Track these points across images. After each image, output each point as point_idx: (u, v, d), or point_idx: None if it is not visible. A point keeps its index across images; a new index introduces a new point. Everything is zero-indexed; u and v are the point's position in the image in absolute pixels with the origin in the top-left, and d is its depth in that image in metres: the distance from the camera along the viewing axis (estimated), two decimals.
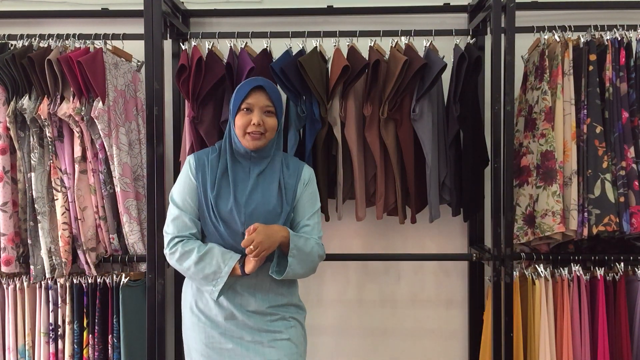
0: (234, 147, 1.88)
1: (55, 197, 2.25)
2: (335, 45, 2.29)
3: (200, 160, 1.90)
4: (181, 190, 1.88)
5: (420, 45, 2.31)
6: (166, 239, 1.87)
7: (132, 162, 2.32)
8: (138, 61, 2.44)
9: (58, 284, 2.31)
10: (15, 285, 2.33)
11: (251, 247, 1.73)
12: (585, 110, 2.22)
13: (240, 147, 1.86)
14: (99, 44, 2.31)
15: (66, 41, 2.31)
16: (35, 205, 2.23)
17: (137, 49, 2.35)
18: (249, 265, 1.79)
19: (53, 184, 2.25)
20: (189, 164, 1.91)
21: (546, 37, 2.30)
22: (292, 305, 1.94)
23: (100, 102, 2.20)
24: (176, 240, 1.85)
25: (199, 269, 1.80)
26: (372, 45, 2.31)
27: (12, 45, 2.34)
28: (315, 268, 1.92)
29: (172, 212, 1.88)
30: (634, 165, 2.20)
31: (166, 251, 1.87)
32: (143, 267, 2.31)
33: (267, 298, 1.88)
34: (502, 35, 2.18)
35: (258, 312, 1.86)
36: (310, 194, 1.95)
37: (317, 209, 1.96)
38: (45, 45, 2.31)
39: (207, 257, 1.80)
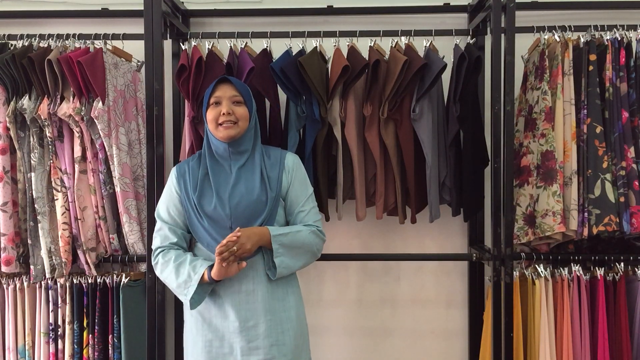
0: (213, 147, 1.91)
1: (55, 197, 2.25)
2: (335, 45, 2.28)
3: (181, 169, 1.96)
4: (163, 203, 1.96)
5: (420, 45, 2.31)
6: (152, 251, 1.95)
7: (132, 162, 2.32)
8: (138, 61, 2.44)
9: (58, 284, 2.31)
10: (15, 285, 2.33)
11: (237, 245, 1.75)
12: (585, 110, 2.22)
13: (218, 144, 1.89)
14: (99, 44, 2.31)
15: (66, 41, 2.31)
16: (35, 205, 2.23)
17: (137, 49, 2.35)
18: (215, 271, 1.78)
19: (53, 184, 2.25)
20: (171, 176, 1.98)
21: (546, 37, 2.30)
22: (290, 303, 1.91)
23: (100, 102, 2.20)
24: (158, 251, 1.92)
25: (174, 278, 1.84)
26: (372, 45, 2.31)
27: (12, 45, 2.34)
28: (318, 253, 1.95)
29: (156, 225, 1.96)
30: (634, 165, 2.20)
31: (152, 262, 1.94)
32: (143, 267, 2.31)
33: (265, 299, 1.86)
34: (502, 35, 2.18)
35: (256, 314, 1.85)
36: (300, 179, 1.96)
37: (310, 193, 1.97)
38: (45, 45, 2.31)
39: (181, 267, 1.84)
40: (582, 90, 2.23)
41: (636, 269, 2.25)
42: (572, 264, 2.26)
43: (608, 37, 2.24)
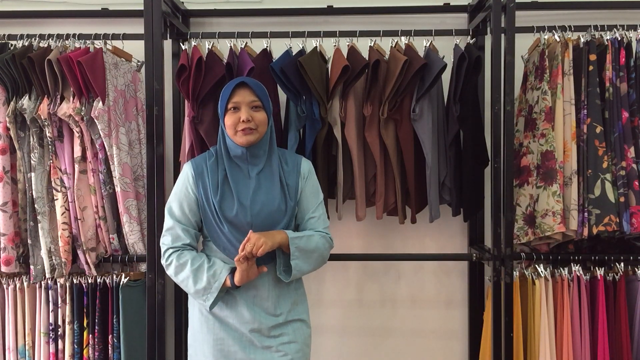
0: (229, 149, 1.88)
1: (55, 197, 2.25)
2: (335, 45, 2.28)
3: (198, 168, 1.89)
4: (177, 200, 1.89)
5: (420, 45, 2.31)
6: (162, 250, 1.90)
7: (132, 162, 2.32)
8: (138, 61, 2.44)
9: (58, 284, 2.31)
10: (15, 285, 2.33)
11: (249, 245, 1.73)
12: (585, 110, 2.22)
13: (235, 148, 1.86)
14: (99, 44, 2.31)
15: (66, 41, 2.31)
16: (35, 205, 2.23)
17: (137, 49, 2.35)
18: (238, 276, 1.79)
19: (53, 184, 2.25)
20: (186, 174, 1.90)
21: (546, 37, 2.30)
22: (298, 304, 1.95)
23: (100, 102, 2.20)
24: (170, 251, 1.87)
25: (192, 284, 1.83)
26: (372, 45, 2.31)
27: (12, 45, 2.34)
28: (326, 259, 1.96)
29: (167, 222, 1.90)
30: (634, 165, 2.20)
31: (163, 261, 1.90)
32: (143, 267, 2.31)
33: (277, 299, 1.89)
34: (502, 35, 2.18)
35: (268, 314, 1.87)
36: (312, 186, 1.96)
37: (321, 200, 1.98)
38: (45, 45, 2.31)
39: (198, 272, 1.82)
40: (582, 90, 2.23)
41: (636, 269, 2.25)
42: (572, 264, 2.26)
43: (608, 37, 2.24)
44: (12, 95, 2.24)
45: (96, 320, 2.30)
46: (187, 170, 1.90)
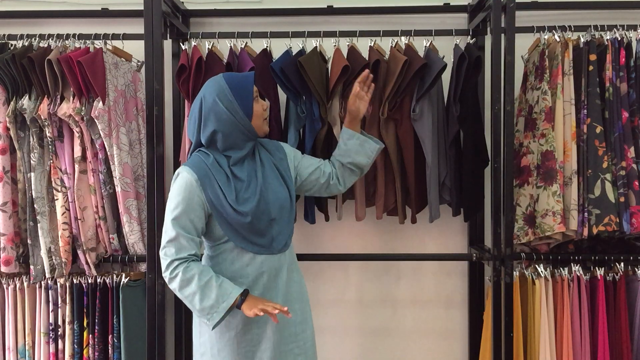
0: (249, 134, 1.85)
1: (55, 197, 2.25)
2: (335, 45, 2.28)
3: (200, 171, 1.80)
4: (181, 208, 1.77)
5: (420, 45, 2.31)
6: (164, 262, 1.78)
7: (133, 162, 2.32)
8: (138, 61, 2.44)
9: (58, 284, 2.31)
10: (15, 285, 2.33)
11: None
12: (585, 110, 2.22)
13: (247, 141, 1.86)
14: (99, 44, 2.31)
15: (66, 41, 2.31)
16: (35, 205, 2.23)
17: (137, 49, 2.35)
18: (250, 312, 1.73)
19: (53, 184, 2.25)
20: (187, 179, 1.79)
21: (546, 37, 2.30)
22: (306, 297, 2.00)
23: (100, 102, 2.20)
24: (176, 263, 1.76)
25: (198, 300, 1.74)
26: (372, 45, 2.31)
27: (12, 45, 2.34)
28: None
29: (169, 232, 1.78)
30: (634, 165, 2.20)
31: (166, 274, 1.78)
32: (143, 267, 2.31)
33: (294, 287, 1.93)
34: (502, 35, 2.18)
35: (289, 302, 1.89)
36: (299, 153, 2.04)
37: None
38: (45, 45, 2.31)
39: (206, 289, 1.73)
40: (582, 90, 2.23)
41: (636, 269, 2.25)
42: (572, 264, 2.26)
43: (608, 37, 2.24)
44: (12, 95, 2.24)
45: (96, 320, 2.30)
46: (186, 175, 1.80)
